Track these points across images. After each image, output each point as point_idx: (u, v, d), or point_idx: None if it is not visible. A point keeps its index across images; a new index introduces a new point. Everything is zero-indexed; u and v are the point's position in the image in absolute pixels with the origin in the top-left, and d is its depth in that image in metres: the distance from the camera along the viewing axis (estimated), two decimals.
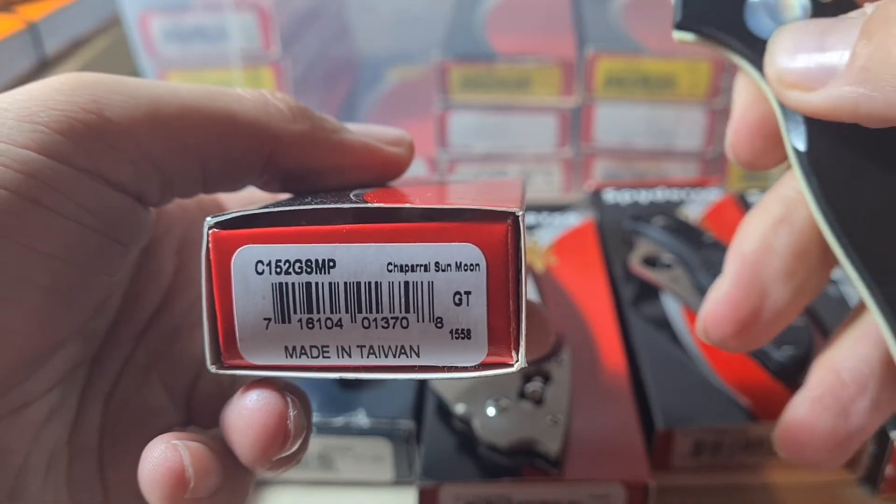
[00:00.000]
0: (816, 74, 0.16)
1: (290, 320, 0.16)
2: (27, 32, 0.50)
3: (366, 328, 0.16)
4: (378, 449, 0.31)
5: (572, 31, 0.51)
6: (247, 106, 0.20)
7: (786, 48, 0.17)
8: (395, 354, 0.16)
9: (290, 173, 0.21)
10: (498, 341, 0.16)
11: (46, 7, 0.54)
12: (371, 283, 0.16)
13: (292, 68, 0.49)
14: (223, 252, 0.16)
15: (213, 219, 0.16)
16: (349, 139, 0.21)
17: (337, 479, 0.32)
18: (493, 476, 0.28)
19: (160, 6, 0.46)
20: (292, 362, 0.17)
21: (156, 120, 0.18)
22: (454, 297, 0.16)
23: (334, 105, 0.56)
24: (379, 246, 0.15)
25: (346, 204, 0.16)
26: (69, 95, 0.17)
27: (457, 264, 0.15)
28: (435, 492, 0.28)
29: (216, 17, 0.46)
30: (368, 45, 0.61)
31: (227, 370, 0.17)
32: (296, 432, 0.17)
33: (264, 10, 0.46)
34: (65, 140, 0.17)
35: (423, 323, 0.16)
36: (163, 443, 0.17)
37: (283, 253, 0.16)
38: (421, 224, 0.15)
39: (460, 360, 0.16)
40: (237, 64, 0.47)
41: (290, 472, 0.32)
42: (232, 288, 0.16)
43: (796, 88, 0.17)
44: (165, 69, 0.48)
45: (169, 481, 0.17)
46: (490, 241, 0.15)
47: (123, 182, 0.18)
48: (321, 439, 0.31)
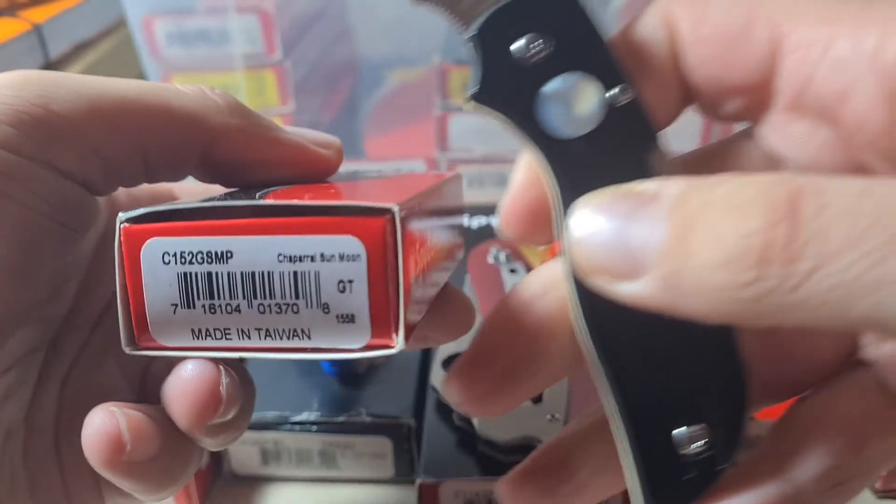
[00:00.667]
0: (622, 266, 0.15)
1: (194, 306, 0.18)
2: (32, 35, 0.51)
3: (261, 313, 0.18)
4: (379, 446, 0.32)
5: None
6: (184, 100, 0.21)
7: (587, 230, 0.16)
8: (288, 337, 0.18)
9: (226, 165, 0.22)
10: (379, 325, 0.17)
11: (51, 10, 0.54)
12: (264, 273, 0.17)
13: (294, 71, 0.49)
14: (133, 244, 0.18)
15: (124, 214, 0.18)
16: (281, 136, 0.23)
17: (338, 476, 0.33)
18: (493, 473, 0.29)
19: (164, 9, 0.47)
20: (199, 344, 0.18)
21: (98, 112, 0.20)
22: (338, 284, 0.17)
23: (335, 107, 0.57)
24: (270, 238, 0.17)
25: (243, 201, 0.18)
26: (17, 90, 0.19)
27: (340, 255, 0.17)
28: (435, 488, 0.29)
29: (219, 20, 0.47)
30: (369, 47, 0.62)
31: (141, 351, 0.18)
32: (228, 399, 0.19)
33: (266, 14, 0.47)
34: (14, 131, 0.18)
35: (312, 309, 0.17)
36: (102, 410, 0.19)
37: (186, 245, 0.17)
38: (307, 218, 0.17)
39: (347, 342, 0.18)
40: (240, 66, 0.48)
41: (292, 470, 0.33)
42: (142, 276, 0.18)
43: (599, 276, 0.16)
44: (169, 72, 0.49)
45: (106, 445, 0.18)
46: (369, 234, 0.17)
47: (70, 170, 0.20)
48: (323, 437, 0.32)
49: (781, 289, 0.14)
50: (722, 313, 0.14)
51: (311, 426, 0.32)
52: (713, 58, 0.19)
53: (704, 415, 0.18)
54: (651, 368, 0.18)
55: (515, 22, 0.18)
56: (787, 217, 0.14)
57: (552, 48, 0.18)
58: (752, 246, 0.14)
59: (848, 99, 0.18)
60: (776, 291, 0.14)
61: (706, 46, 0.19)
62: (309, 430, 0.32)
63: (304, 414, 0.32)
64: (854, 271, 0.13)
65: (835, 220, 0.13)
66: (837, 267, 0.13)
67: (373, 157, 0.53)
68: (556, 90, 0.18)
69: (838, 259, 0.13)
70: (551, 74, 0.18)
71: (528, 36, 0.18)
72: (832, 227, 0.13)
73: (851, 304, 0.13)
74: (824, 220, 0.13)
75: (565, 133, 0.18)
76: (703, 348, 0.19)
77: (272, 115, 0.51)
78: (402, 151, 0.52)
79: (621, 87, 0.18)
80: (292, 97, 0.49)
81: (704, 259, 0.14)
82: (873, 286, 0.13)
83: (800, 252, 0.13)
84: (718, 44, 0.19)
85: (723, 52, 0.19)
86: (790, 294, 0.14)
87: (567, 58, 0.18)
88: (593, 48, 0.19)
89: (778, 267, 0.14)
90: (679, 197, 0.15)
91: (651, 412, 0.18)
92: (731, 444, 0.18)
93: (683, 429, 0.18)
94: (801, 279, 0.13)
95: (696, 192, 0.15)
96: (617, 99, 0.18)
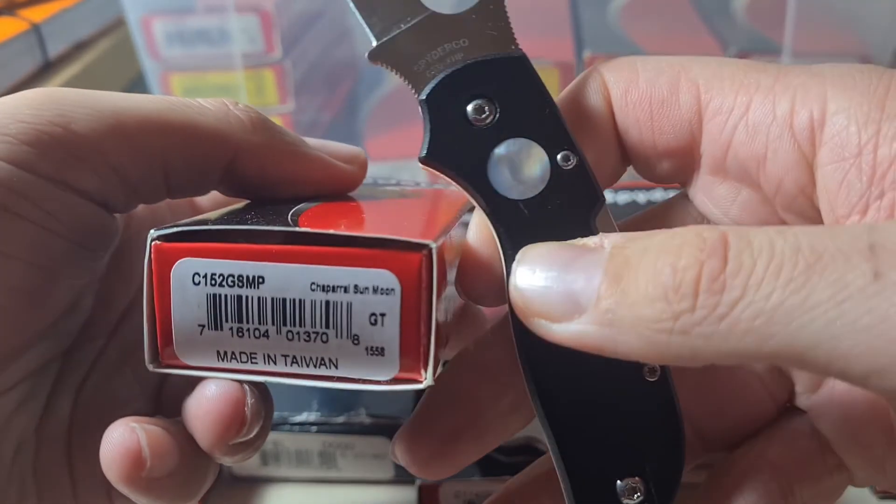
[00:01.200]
0: (560, 308, 0.16)
1: (221, 328, 0.18)
2: (30, 34, 0.51)
3: (290, 340, 0.18)
4: (379, 447, 0.32)
5: (571, 33, 0.51)
6: (208, 116, 0.21)
7: (529, 277, 0.17)
8: (315, 365, 0.18)
9: (249, 181, 0.22)
10: (408, 360, 0.17)
11: (49, 9, 0.54)
12: (295, 300, 0.17)
13: (293, 70, 0.49)
14: (164, 263, 0.18)
15: (156, 231, 0.18)
16: (305, 152, 0.22)
17: (338, 476, 0.33)
18: (493, 474, 0.29)
19: (163, 9, 0.47)
20: (223, 365, 0.18)
21: (119, 131, 0.19)
22: (370, 317, 0.17)
23: (335, 106, 0.57)
24: (304, 267, 0.17)
25: (278, 227, 0.18)
26: (37, 109, 0.19)
27: (374, 288, 0.17)
28: (435, 489, 0.29)
29: (218, 19, 0.47)
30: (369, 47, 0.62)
31: (164, 369, 0.18)
32: (252, 419, 0.19)
33: (266, 13, 0.46)
34: (32, 150, 0.18)
35: (341, 339, 0.17)
36: (122, 425, 0.18)
37: (217, 267, 0.17)
38: (343, 249, 0.17)
39: (374, 374, 0.18)
40: (239, 66, 0.48)
41: (292, 470, 0.33)
42: (171, 295, 0.18)
43: (540, 318, 0.17)
44: (168, 71, 0.49)
45: (126, 461, 0.18)
46: (405, 269, 0.17)
47: (89, 190, 0.19)
48: (322, 437, 0.32)
49: (710, 319, 0.14)
50: (655, 349, 0.15)
51: (310, 427, 0.32)
52: (643, 121, 0.20)
53: (642, 467, 0.19)
54: (591, 422, 0.19)
55: (465, 87, 0.19)
56: (714, 254, 0.15)
57: (499, 113, 0.19)
58: (684, 279, 0.15)
59: (765, 162, 0.19)
60: (705, 321, 0.14)
61: (636, 110, 0.20)
62: (308, 431, 0.32)
63: (304, 414, 0.32)
64: (774, 299, 0.14)
65: (757, 255, 0.14)
66: (760, 295, 0.14)
67: (373, 156, 0.53)
68: (505, 154, 0.19)
69: (760, 289, 0.14)
70: (500, 139, 0.19)
71: (476, 101, 0.19)
72: (755, 261, 0.14)
73: (774, 331, 0.14)
74: (748, 256, 0.14)
75: (514, 195, 0.19)
76: (641, 402, 0.19)
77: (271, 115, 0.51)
78: (401, 151, 0.52)
79: (564, 153, 0.19)
80: (292, 97, 0.49)
81: (639, 295, 0.15)
82: (792, 313, 0.14)
83: (726, 283, 0.14)
84: (647, 108, 0.20)
85: (651, 115, 0.20)
86: (718, 323, 0.14)
87: (514, 123, 0.19)
88: (539, 114, 0.19)
89: (706, 297, 0.14)
90: (617, 246, 0.16)
91: (591, 464, 0.19)
92: (667, 496, 0.19)
93: (625, 481, 0.19)
94: (728, 308, 0.14)
95: (633, 242, 0.16)
96: (561, 164, 0.19)
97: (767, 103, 0.19)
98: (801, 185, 0.19)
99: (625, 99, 0.20)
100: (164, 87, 0.49)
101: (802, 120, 0.18)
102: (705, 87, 0.19)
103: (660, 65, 0.20)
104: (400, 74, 0.19)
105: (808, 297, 0.14)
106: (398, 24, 0.19)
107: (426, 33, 0.19)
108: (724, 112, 0.19)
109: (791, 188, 0.19)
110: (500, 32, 0.20)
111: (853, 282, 0.13)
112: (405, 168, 0.51)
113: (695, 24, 0.52)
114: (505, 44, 0.20)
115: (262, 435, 0.20)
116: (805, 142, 0.18)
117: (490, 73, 0.19)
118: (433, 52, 0.19)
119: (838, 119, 0.18)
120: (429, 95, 0.19)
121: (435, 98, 0.19)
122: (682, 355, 0.15)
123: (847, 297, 0.13)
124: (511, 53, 0.19)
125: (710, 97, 0.19)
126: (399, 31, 0.19)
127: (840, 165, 0.18)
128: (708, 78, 0.19)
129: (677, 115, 0.20)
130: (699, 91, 0.19)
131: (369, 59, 0.20)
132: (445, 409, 0.21)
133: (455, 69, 0.19)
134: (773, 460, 0.21)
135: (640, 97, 0.20)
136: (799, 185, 0.19)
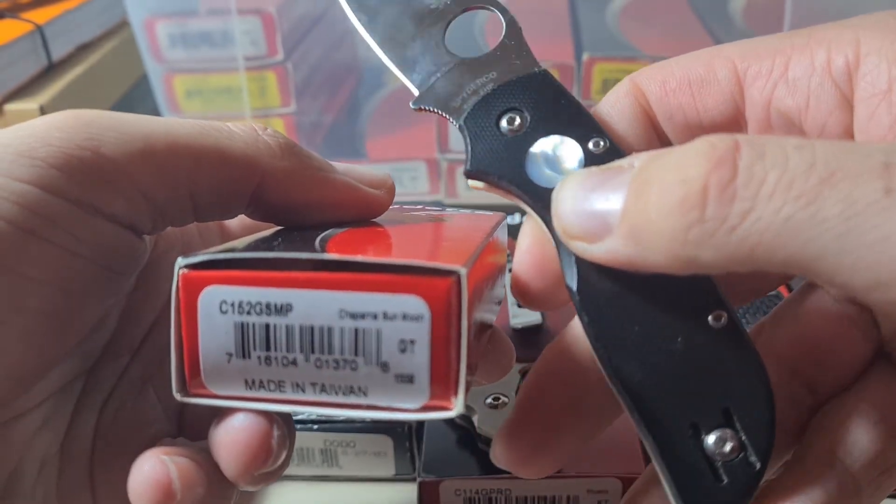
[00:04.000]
0: (594, 228, 0.17)
1: (249, 356, 0.17)
2: (34, 36, 0.51)
3: (318, 368, 0.17)
4: (380, 444, 0.32)
5: (570, 35, 0.51)
6: (236, 141, 0.21)
7: (566, 202, 0.18)
8: (344, 393, 0.17)
9: (276, 206, 0.22)
10: (439, 387, 0.17)
11: (53, 11, 0.54)
12: (324, 328, 0.17)
13: (295, 72, 0.49)
14: (191, 291, 0.17)
15: (183, 259, 0.17)
16: (332, 178, 0.22)
17: (339, 474, 0.33)
18: (493, 472, 0.29)
19: (166, 11, 0.47)
20: (251, 394, 0.18)
21: (149, 155, 0.19)
22: (399, 344, 0.17)
23: (337, 108, 0.57)
24: (333, 294, 0.17)
25: (306, 254, 0.17)
26: (67, 132, 0.18)
27: (403, 314, 0.17)
28: (435, 487, 0.29)
29: (221, 21, 0.47)
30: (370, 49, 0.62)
31: (192, 399, 0.18)
32: (278, 450, 0.18)
33: (268, 15, 0.47)
34: (61, 175, 0.18)
35: (371, 366, 0.17)
36: (152, 458, 0.18)
37: (245, 295, 0.17)
38: (372, 275, 0.17)
39: (404, 402, 0.17)
40: (241, 68, 0.48)
41: (293, 468, 0.33)
42: (198, 323, 0.17)
43: (579, 240, 0.17)
44: (171, 73, 0.49)
45: (157, 494, 0.18)
46: (435, 295, 0.16)
47: (117, 214, 0.19)
48: (323, 435, 0.32)
49: (721, 229, 0.15)
50: (675, 261, 0.16)
51: (312, 424, 0.32)
52: (686, 103, 0.21)
53: (730, 418, 0.18)
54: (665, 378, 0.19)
55: (497, 105, 0.21)
56: (724, 163, 0.15)
57: (529, 120, 0.21)
58: (693, 189, 0.15)
59: (808, 109, 0.19)
60: (717, 232, 0.15)
61: (678, 95, 0.21)
62: (310, 429, 0.32)
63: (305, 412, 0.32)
64: (784, 212, 0.14)
65: (769, 167, 0.14)
66: (770, 208, 0.14)
67: (374, 158, 0.53)
68: (540, 151, 0.20)
69: (771, 201, 0.14)
70: (534, 139, 0.21)
71: (508, 115, 0.21)
72: (766, 173, 0.14)
73: (783, 243, 0.14)
74: (760, 167, 0.14)
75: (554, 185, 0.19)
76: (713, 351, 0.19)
77: (273, 117, 0.51)
78: (402, 153, 0.52)
79: (594, 139, 0.20)
80: (294, 98, 0.49)
81: (655, 209, 0.15)
82: (801, 227, 0.14)
83: (736, 194, 0.15)
84: (688, 90, 0.21)
85: (694, 96, 0.21)
86: (730, 234, 0.15)
87: (544, 124, 0.21)
88: (566, 112, 0.21)
89: (715, 207, 0.15)
90: (643, 164, 0.17)
91: (672, 420, 0.19)
92: (762, 445, 0.18)
93: (712, 435, 0.18)
94: (738, 220, 0.14)
95: (654, 159, 0.16)
96: (593, 149, 0.20)
97: (805, 58, 0.19)
98: (845, 124, 0.19)
99: (664, 89, 0.21)
100: (166, 89, 0.49)
101: (839, 65, 0.19)
102: (741, 58, 0.20)
103: (691, 55, 0.21)
104: (443, 113, 0.21)
105: (818, 211, 0.14)
106: (434, 74, 0.22)
107: (459, 76, 0.22)
108: (763, 75, 0.20)
109: (834, 128, 0.19)
110: (522, 60, 0.22)
111: (863, 197, 0.14)
112: (406, 169, 0.51)
113: (693, 26, 0.52)
114: (528, 66, 0.22)
115: (285, 464, 0.20)
116: (844, 84, 0.19)
117: (518, 89, 0.21)
118: (467, 88, 0.21)
119: (871, 59, 0.18)
120: (466, 119, 0.21)
121: (471, 120, 0.21)
122: (701, 265, 0.15)
123: (856, 213, 0.14)
124: (534, 71, 0.21)
125: (748, 65, 0.20)
126: (436, 80, 0.22)
127: (871, 101, 0.18)
128: (742, 51, 0.20)
129: (718, 90, 0.20)
130: (735, 64, 0.20)
131: (413, 106, 0.22)
132: (543, 400, 0.21)
133: (486, 93, 0.21)
134: (875, 403, 0.20)
135: (680, 83, 0.21)
136: (843, 125, 0.19)
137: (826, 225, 0.14)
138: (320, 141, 0.54)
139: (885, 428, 0.20)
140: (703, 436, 0.18)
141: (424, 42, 0.23)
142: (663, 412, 0.19)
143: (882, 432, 0.20)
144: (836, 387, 0.21)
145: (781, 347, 0.21)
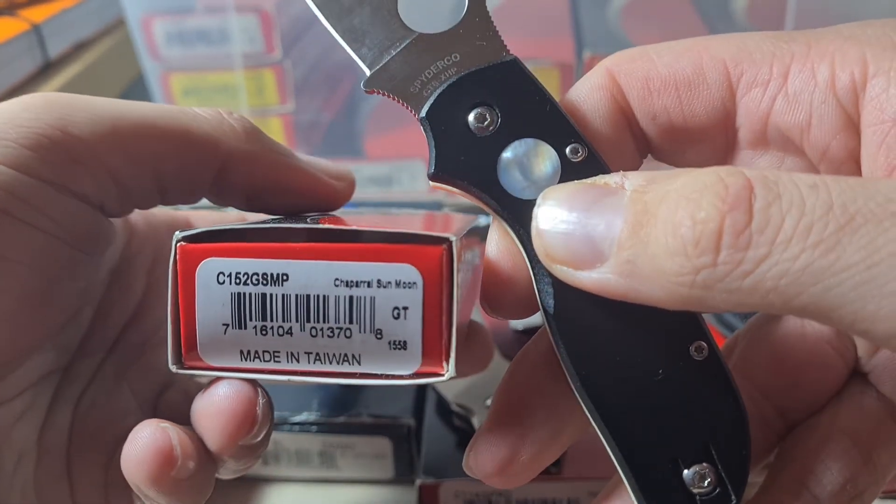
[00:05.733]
0: (583, 255, 0.16)
1: (245, 327, 0.18)
2: (31, 34, 0.51)
3: (313, 337, 0.18)
4: (379, 447, 0.32)
5: (571, 33, 0.51)
6: (201, 123, 0.21)
7: (549, 221, 0.17)
8: (338, 362, 0.18)
9: (239, 189, 0.22)
10: (430, 353, 0.17)
11: (50, 9, 0.54)
12: (319, 296, 0.17)
13: (293, 70, 0.49)
14: (189, 263, 0.18)
15: (181, 233, 0.18)
16: (295, 164, 0.23)
17: (338, 476, 0.33)
18: None
19: (163, 9, 0.47)
20: (246, 365, 0.18)
21: (116, 135, 0.20)
22: (393, 311, 0.17)
23: (335, 106, 0.57)
24: (328, 263, 0.17)
25: (301, 224, 0.18)
26: (36, 113, 0.19)
27: (396, 282, 0.17)
28: (435, 489, 0.29)
29: (218, 19, 0.47)
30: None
31: (187, 370, 0.18)
32: (262, 419, 0.19)
33: (266, 13, 0.47)
34: (32, 154, 0.18)
35: (365, 334, 0.18)
36: (150, 425, 0.18)
37: (242, 266, 0.18)
38: (366, 244, 0.17)
39: (397, 368, 0.18)
40: (239, 66, 0.48)
41: (292, 470, 0.33)
42: (195, 295, 0.18)
43: (564, 265, 0.16)
44: (168, 71, 0.49)
45: (158, 459, 0.18)
46: (426, 262, 0.17)
47: (86, 193, 0.20)
48: (323, 437, 0.32)
49: (733, 275, 0.14)
50: (677, 299, 0.15)
51: (310, 426, 0.32)
52: (672, 106, 0.20)
53: (708, 452, 0.18)
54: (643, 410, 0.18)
55: (463, 98, 0.19)
56: (738, 206, 0.14)
57: (500, 118, 0.19)
58: (705, 232, 0.14)
59: (810, 128, 0.19)
60: (727, 277, 0.14)
61: (663, 97, 0.20)
62: (309, 431, 0.32)
63: (304, 414, 0.32)
64: (802, 260, 0.14)
65: (786, 210, 0.14)
66: (788, 255, 0.14)
67: (373, 156, 0.53)
68: (513, 156, 0.19)
69: (788, 248, 0.14)
70: (506, 142, 0.19)
71: (476, 110, 0.19)
72: (783, 217, 0.14)
73: (799, 291, 0.14)
74: (776, 210, 0.14)
75: (529, 195, 0.19)
76: (693, 383, 0.18)
77: (272, 116, 0.51)
78: (401, 151, 0.52)
79: (572, 146, 0.19)
80: (292, 97, 0.49)
81: (660, 246, 0.15)
82: (820, 275, 0.13)
83: (751, 239, 0.14)
84: (674, 92, 0.19)
85: (681, 99, 0.19)
86: (741, 280, 0.14)
87: (517, 125, 0.19)
88: (541, 112, 0.19)
89: (729, 253, 0.14)
90: (638, 188, 0.16)
91: (651, 454, 0.18)
92: (738, 478, 0.18)
93: (692, 469, 0.18)
94: (752, 266, 0.14)
95: (653, 185, 0.16)
96: (571, 157, 0.19)
97: (806, 71, 0.18)
98: (850, 148, 0.18)
99: (647, 88, 0.20)
100: (164, 88, 0.49)
101: (844, 83, 0.18)
102: (732, 62, 0.19)
103: (675, 48, 0.20)
104: (397, 99, 0.19)
105: (838, 260, 0.13)
106: (388, 50, 0.20)
107: (417, 55, 0.19)
108: (759, 84, 0.19)
109: (838, 152, 0.19)
110: (489, 42, 0.20)
111: (884, 246, 0.13)
112: (405, 168, 0.51)
113: (695, 24, 0.52)
114: (496, 52, 0.19)
115: (265, 442, 0.20)
116: (849, 104, 0.18)
117: (485, 81, 0.19)
118: (426, 71, 0.19)
119: (878, 81, 0.17)
120: (428, 112, 0.19)
121: (434, 114, 0.19)
122: (705, 306, 0.15)
123: (878, 262, 0.13)
124: (503, 59, 0.19)
125: (741, 71, 0.19)
126: (390, 58, 0.20)
127: (879, 128, 0.18)
128: (733, 53, 0.19)
129: (707, 95, 0.19)
130: (726, 67, 0.19)
131: (364, 88, 0.20)
132: (516, 410, 0.20)
133: (450, 83, 0.19)
134: (847, 427, 0.20)
135: (665, 83, 0.19)
136: (847, 148, 0.18)
137: (846, 273, 0.13)
138: (319, 139, 0.54)
139: (857, 454, 0.20)
140: (683, 469, 0.18)
141: (373, 8, 0.20)
142: (644, 446, 0.18)
143: (853, 459, 0.20)
144: (809, 408, 0.21)
145: (754, 369, 0.21)
